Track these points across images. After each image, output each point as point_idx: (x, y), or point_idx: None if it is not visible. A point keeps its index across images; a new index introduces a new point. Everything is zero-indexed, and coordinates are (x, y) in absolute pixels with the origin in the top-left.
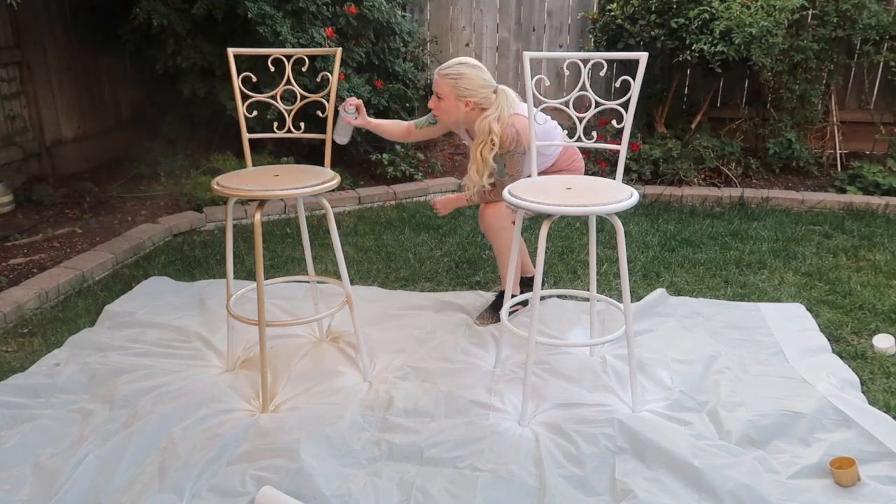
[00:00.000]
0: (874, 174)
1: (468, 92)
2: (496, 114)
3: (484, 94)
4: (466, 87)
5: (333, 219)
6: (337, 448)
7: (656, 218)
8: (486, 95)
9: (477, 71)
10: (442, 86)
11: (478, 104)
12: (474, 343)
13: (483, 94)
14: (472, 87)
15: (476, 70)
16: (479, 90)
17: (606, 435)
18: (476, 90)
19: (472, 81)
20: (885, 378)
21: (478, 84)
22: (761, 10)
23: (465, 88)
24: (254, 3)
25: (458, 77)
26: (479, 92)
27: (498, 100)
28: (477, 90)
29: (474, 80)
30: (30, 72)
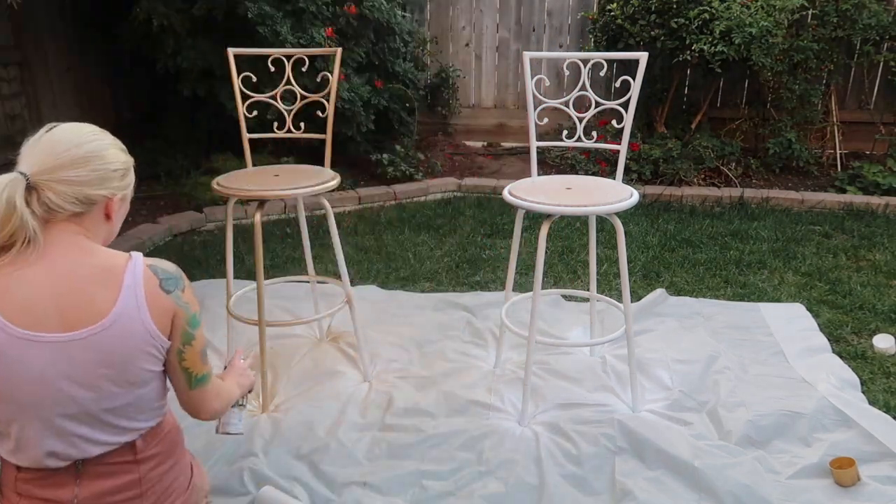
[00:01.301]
0: (874, 174)
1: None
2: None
3: None
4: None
5: (333, 219)
6: (337, 448)
7: (656, 218)
8: None
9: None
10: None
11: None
12: (474, 343)
13: None
14: None
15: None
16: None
17: (606, 435)
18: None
19: None
20: (885, 378)
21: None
22: (761, 10)
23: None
24: (254, 3)
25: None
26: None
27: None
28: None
29: None
30: (30, 72)
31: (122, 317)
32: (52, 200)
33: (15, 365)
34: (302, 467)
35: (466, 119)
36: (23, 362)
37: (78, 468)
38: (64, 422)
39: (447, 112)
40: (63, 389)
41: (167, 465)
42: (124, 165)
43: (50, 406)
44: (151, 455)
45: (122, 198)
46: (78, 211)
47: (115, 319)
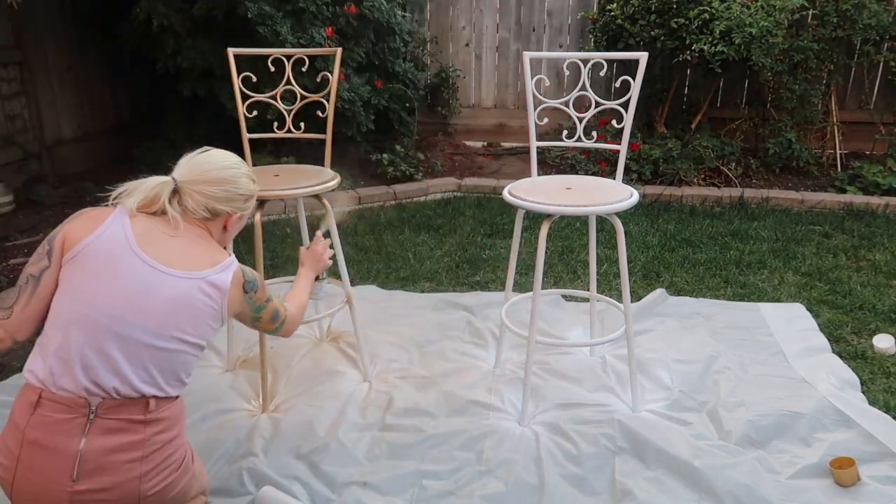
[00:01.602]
0: (874, 174)
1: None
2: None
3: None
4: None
5: (333, 219)
6: (337, 448)
7: (656, 218)
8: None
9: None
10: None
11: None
12: (474, 343)
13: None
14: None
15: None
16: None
17: (606, 435)
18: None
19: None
20: (885, 378)
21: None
22: (761, 10)
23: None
24: (254, 3)
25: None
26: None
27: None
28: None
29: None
30: (30, 72)
31: (212, 280)
32: (189, 204)
33: (130, 278)
34: (302, 467)
35: (466, 119)
36: (139, 280)
37: (90, 417)
38: (116, 343)
39: (447, 112)
40: (146, 308)
41: (170, 434)
42: (249, 193)
43: (123, 319)
44: (159, 419)
45: (240, 217)
46: (205, 216)
47: (206, 277)
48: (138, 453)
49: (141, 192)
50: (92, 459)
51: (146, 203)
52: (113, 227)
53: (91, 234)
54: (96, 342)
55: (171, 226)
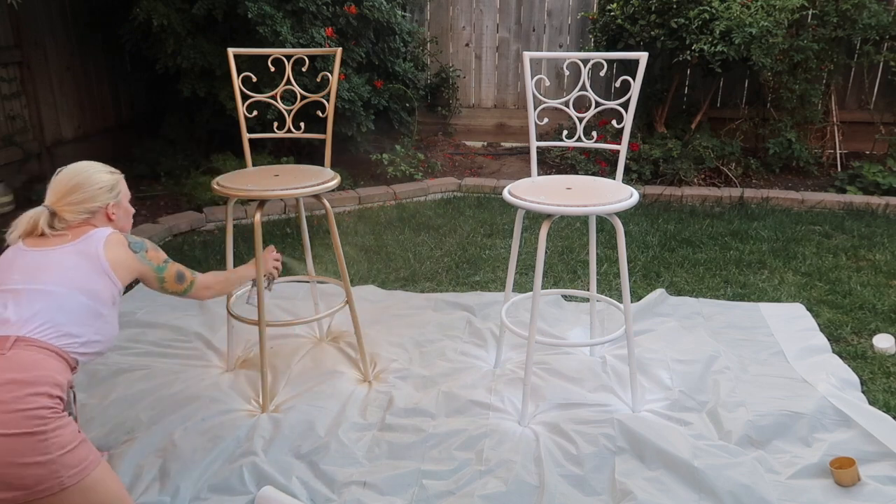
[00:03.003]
0: (874, 174)
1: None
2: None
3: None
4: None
5: (333, 219)
6: (337, 448)
7: (656, 218)
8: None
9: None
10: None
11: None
12: (474, 343)
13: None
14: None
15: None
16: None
17: (606, 435)
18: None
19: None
20: (885, 378)
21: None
22: (761, 10)
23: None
24: (254, 3)
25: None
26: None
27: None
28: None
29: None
30: (30, 72)
31: (79, 246)
32: (67, 217)
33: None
34: (302, 467)
35: (466, 119)
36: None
37: None
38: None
39: (447, 112)
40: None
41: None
42: (109, 182)
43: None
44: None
45: (114, 204)
46: (86, 217)
47: (73, 244)
48: None
49: (21, 225)
50: None
51: (28, 230)
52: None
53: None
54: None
55: (58, 238)
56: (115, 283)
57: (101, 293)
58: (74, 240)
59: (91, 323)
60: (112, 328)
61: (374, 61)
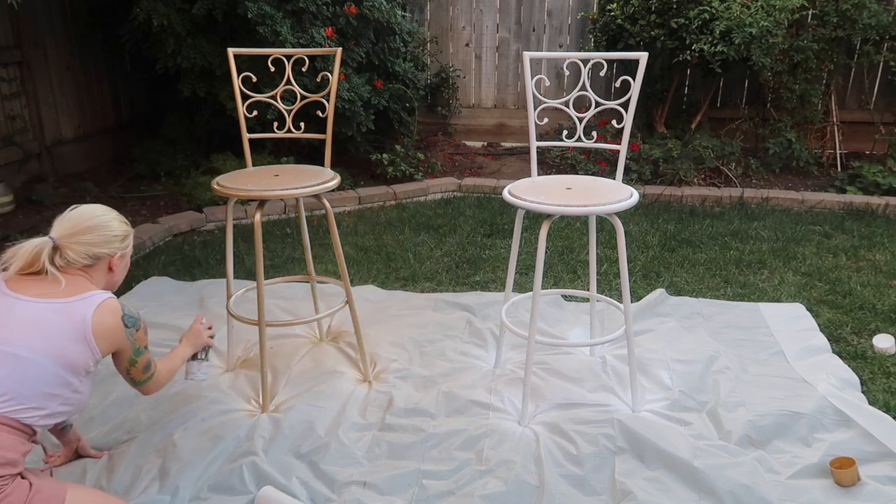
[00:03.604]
0: (874, 174)
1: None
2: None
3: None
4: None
5: (333, 219)
6: (337, 448)
7: (656, 218)
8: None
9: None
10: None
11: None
12: (474, 343)
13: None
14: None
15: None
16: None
17: (606, 435)
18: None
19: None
20: (885, 378)
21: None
22: (761, 10)
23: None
24: (254, 3)
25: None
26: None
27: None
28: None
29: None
30: (30, 72)
31: (70, 306)
32: (70, 256)
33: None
34: (302, 467)
35: (466, 119)
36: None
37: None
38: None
39: (447, 112)
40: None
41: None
42: (124, 233)
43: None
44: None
45: (121, 256)
46: (87, 263)
47: (64, 302)
48: None
49: (21, 256)
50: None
51: (27, 265)
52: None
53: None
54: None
55: (50, 282)
56: (94, 351)
57: (75, 361)
58: (67, 297)
59: (59, 394)
60: (82, 397)
61: (374, 61)
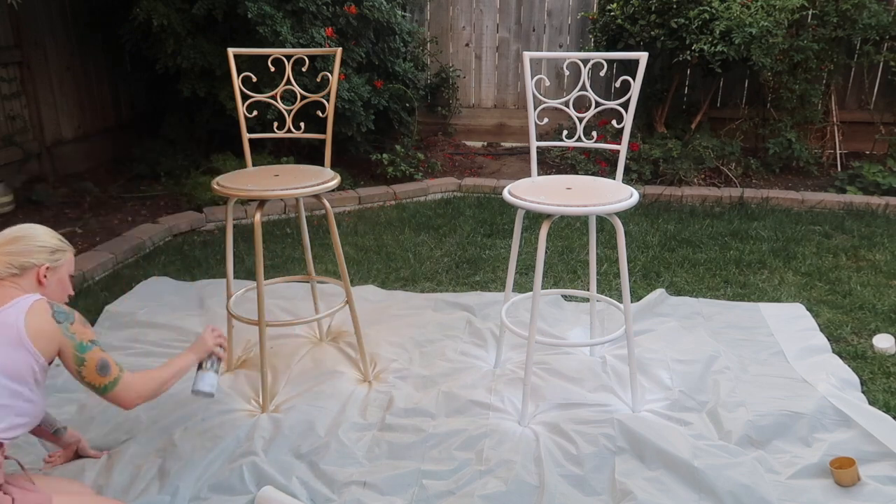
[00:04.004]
0: (874, 174)
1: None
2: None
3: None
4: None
5: (333, 219)
6: (337, 448)
7: (656, 218)
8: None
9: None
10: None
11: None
12: (474, 343)
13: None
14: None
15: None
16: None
17: (606, 435)
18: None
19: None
20: (885, 378)
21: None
22: (761, 10)
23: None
24: (254, 3)
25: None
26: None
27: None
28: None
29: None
30: (30, 72)
31: (5, 312)
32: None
33: None
34: (302, 467)
35: (466, 119)
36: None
37: None
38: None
39: (447, 112)
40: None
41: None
42: (53, 246)
43: None
44: None
45: (49, 268)
46: (14, 273)
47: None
48: None
49: None
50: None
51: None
52: None
53: None
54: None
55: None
56: (34, 357)
57: (20, 370)
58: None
59: (10, 405)
60: (36, 406)
61: (374, 61)
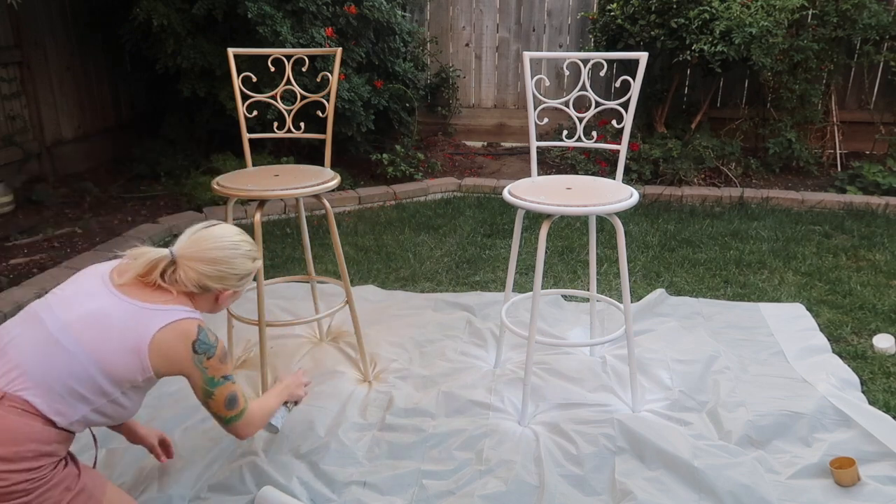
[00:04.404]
0: (874, 174)
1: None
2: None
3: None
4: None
5: (333, 219)
6: (337, 448)
7: (656, 218)
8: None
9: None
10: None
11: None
12: (474, 343)
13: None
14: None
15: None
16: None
17: (606, 435)
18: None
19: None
20: (885, 378)
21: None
22: (761, 10)
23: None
24: (254, 3)
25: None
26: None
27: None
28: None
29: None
30: (30, 72)
31: (141, 312)
32: (181, 277)
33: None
34: (302, 467)
35: (466, 119)
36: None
37: None
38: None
39: (447, 112)
40: (70, 306)
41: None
42: (245, 272)
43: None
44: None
45: (233, 293)
46: (195, 291)
47: (139, 306)
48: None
49: (138, 264)
50: None
51: (143, 273)
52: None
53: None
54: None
55: (158, 291)
56: (144, 367)
57: (118, 370)
58: (152, 303)
59: (90, 398)
60: (124, 412)
61: (374, 61)
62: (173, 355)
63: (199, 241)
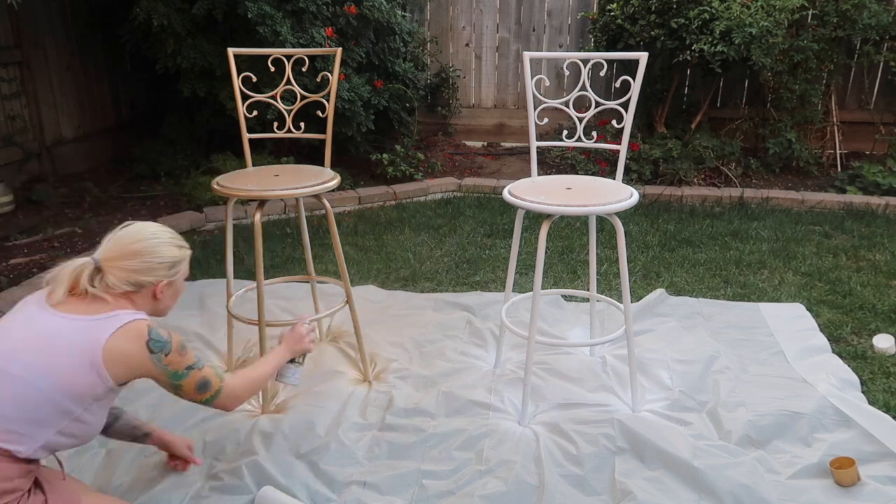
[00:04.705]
0: (874, 174)
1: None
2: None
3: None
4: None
5: (333, 219)
6: (337, 448)
7: (656, 218)
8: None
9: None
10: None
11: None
12: (474, 343)
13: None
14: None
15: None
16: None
17: (606, 435)
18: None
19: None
20: (885, 378)
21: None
22: (761, 10)
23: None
24: (254, 3)
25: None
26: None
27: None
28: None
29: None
30: (30, 72)
31: (88, 325)
32: (110, 280)
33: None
34: (302, 467)
35: (466, 119)
36: (28, 316)
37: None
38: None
39: (447, 112)
40: (11, 336)
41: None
42: (173, 259)
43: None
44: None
45: (168, 283)
46: (128, 290)
47: (87, 320)
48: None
49: (62, 277)
50: None
51: (72, 286)
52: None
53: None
54: None
55: (95, 301)
56: (103, 379)
57: (77, 388)
58: (96, 314)
59: (54, 423)
60: (88, 428)
61: (374, 61)
62: (130, 359)
63: (119, 240)
